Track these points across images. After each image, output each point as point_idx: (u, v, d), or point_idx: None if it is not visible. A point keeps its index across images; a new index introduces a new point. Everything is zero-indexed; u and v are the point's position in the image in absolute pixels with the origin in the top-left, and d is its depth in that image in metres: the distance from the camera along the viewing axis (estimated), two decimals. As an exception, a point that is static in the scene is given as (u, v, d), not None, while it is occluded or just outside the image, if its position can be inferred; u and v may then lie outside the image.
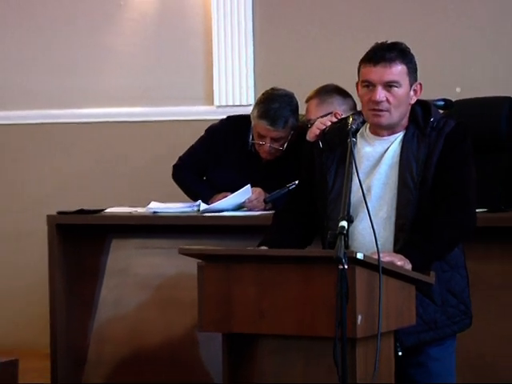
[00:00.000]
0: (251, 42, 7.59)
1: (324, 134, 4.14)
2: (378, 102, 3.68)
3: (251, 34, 7.63)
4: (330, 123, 4.35)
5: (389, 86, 3.68)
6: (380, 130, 3.82)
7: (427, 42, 6.88)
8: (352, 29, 7.37)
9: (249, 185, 5.62)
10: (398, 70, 3.71)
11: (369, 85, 3.72)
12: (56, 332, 5.92)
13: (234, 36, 7.69)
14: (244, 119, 6.07)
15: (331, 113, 5.12)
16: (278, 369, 3.61)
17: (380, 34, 6.15)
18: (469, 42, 7.07)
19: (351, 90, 5.08)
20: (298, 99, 5.91)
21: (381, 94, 3.67)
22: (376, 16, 7.39)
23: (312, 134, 4.83)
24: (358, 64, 3.91)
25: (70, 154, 8.09)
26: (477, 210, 3.95)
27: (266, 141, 5.76)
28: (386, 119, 3.74)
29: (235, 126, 6.08)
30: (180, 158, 6.15)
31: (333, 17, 7.46)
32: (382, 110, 3.72)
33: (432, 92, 4.80)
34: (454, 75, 6.67)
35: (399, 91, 3.70)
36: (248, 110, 6.33)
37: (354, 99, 5.06)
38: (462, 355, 4.15)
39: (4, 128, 8.26)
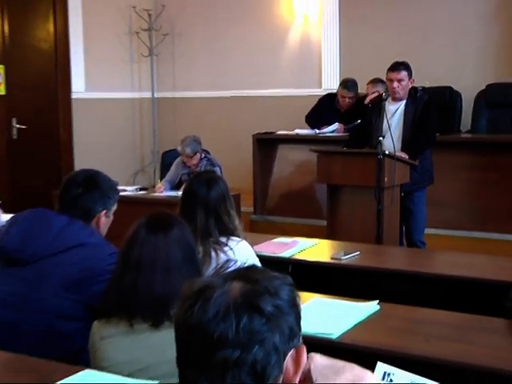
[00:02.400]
0: (338, 46, 9.16)
1: (371, 100, 6.58)
2: (394, 88, 6.24)
3: (338, 39, 9.16)
4: (374, 96, 6.77)
5: (398, 81, 6.23)
6: (395, 99, 6.34)
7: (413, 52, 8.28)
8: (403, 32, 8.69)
9: (337, 122, 8.19)
10: (403, 74, 6.25)
11: (390, 80, 6.30)
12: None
13: (332, 41, 9.17)
14: (333, 93, 8.56)
15: (377, 91, 7.21)
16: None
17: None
18: (435, 50, 8.47)
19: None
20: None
21: (395, 84, 6.23)
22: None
23: (367, 100, 7.02)
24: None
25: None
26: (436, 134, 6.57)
27: (345, 100, 8.27)
28: (397, 95, 6.29)
29: (330, 96, 8.59)
30: (309, 112, 8.52)
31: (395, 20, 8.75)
32: (395, 92, 6.26)
33: (417, 82, 6.62)
34: (424, 73, 7.52)
35: (403, 83, 6.24)
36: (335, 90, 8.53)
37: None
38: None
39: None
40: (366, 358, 1.70)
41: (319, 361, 1.66)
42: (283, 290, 1.47)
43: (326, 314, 3.20)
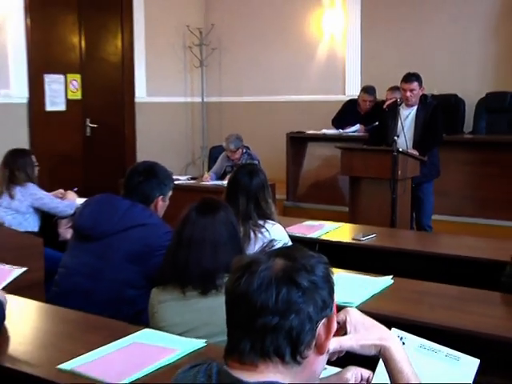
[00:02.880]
0: (359, 59, 9.10)
1: (388, 106, 6.53)
2: (407, 96, 6.17)
3: (359, 53, 9.09)
4: (391, 102, 6.65)
5: (411, 90, 6.19)
6: (408, 105, 6.28)
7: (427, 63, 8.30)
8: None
9: (358, 124, 8.20)
10: (414, 85, 6.18)
11: (404, 89, 6.24)
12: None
13: (354, 55, 9.13)
14: (354, 99, 8.48)
15: (394, 97, 6.87)
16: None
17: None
18: (443, 62, 8.39)
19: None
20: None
21: (408, 93, 6.18)
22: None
23: (385, 105, 6.76)
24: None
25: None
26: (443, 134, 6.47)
27: (366, 103, 8.24)
28: (410, 102, 6.23)
29: (352, 101, 8.52)
30: (334, 116, 8.48)
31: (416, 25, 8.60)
32: (408, 100, 6.21)
33: (427, 90, 6.56)
34: (433, 82, 7.45)
35: (415, 92, 6.15)
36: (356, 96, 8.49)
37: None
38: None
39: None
40: (381, 323, 1.69)
41: (354, 315, 1.66)
42: (318, 267, 1.46)
43: (347, 286, 3.19)
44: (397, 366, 1.57)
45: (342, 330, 1.63)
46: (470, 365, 1.68)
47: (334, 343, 1.57)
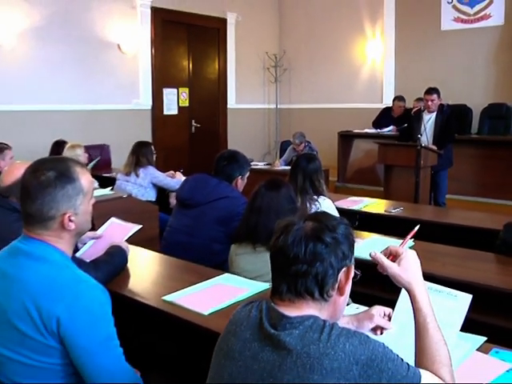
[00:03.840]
0: (393, 76, 8.94)
1: (415, 112, 6.12)
2: (428, 105, 6.04)
3: (393, 71, 8.96)
4: (416, 109, 6.19)
5: (431, 100, 6.05)
6: (429, 112, 6.12)
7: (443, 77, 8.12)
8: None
9: (391, 125, 8.02)
10: (434, 96, 6.04)
11: (426, 100, 6.10)
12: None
13: (390, 72, 8.93)
14: (389, 107, 8.32)
15: (419, 106, 6.51)
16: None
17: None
18: (456, 79, 8.16)
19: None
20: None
21: (429, 103, 6.05)
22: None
23: (412, 111, 6.26)
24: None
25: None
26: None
27: (399, 108, 8.11)
28: (431, 110, 6.09)
29: (388, 108, 8.37)
30: (374, 119, 8.35)
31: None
32: (429, 107, 6.06)
33: (444, 100, 6.38)
34: (449, 94, 7.18)
35: (434, 102, 6.03)
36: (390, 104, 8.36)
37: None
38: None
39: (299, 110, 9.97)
40: None
41: (408, 254, 1.60)
42: (340, 227, 1.41)
43: (378, 246, 3.07)
44: (417, 305, 1.51)
45: (394, 258, 1.58)
46: (464, 299, 1.70)
47: (384, 260, 1.56)
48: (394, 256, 1.59)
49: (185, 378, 2.46)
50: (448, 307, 1.67)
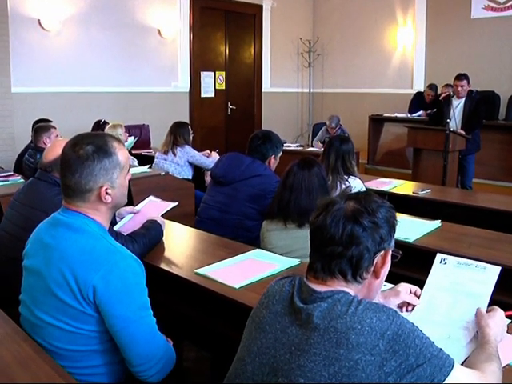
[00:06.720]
0: (424, 62, 8.68)
1: (444, 98, 6.07)
2: (458, 91, 5.87)
3: (424, 58, 8.68)
4: (445, 94, 6.13)
5: (461, 86, 5.88)
6: (458, 97, 5.96)
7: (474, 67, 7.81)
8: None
9: (421, 110, 7.81)
10: (464, 82, 5.88)
11: (456, 85, 5.92)
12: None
13: (420, 59, 8.68)
14: (421, 92, 8.15)
15: (448, 91, 6.34)
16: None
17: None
18: (485, 66, 7.91)
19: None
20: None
21: (459, 89, 5.88)
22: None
23: (441, 97, 6.24)
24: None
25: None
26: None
27: (429, 96, 7.82)
28: (460, 95, 5.93)
29: (418, 93, 8.19)
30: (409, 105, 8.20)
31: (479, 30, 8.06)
32: (459, 93, 5.90)
33: (473, 86, 6.18)
34: (478, 81, 6.98)
35: (464, 87, 5.87)
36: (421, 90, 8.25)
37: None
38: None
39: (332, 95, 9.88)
40: (430, 255, 1.57)
41: (497, 313, 1.57)
42: (380, 210, 1.34)
43: (407, 227, 3.07)
44: (487, 347, 1.45)
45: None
46: (493, 271, 1.65)
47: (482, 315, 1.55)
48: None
49: (215, 348, 2.45)
50: (477, 279, 1.64)
